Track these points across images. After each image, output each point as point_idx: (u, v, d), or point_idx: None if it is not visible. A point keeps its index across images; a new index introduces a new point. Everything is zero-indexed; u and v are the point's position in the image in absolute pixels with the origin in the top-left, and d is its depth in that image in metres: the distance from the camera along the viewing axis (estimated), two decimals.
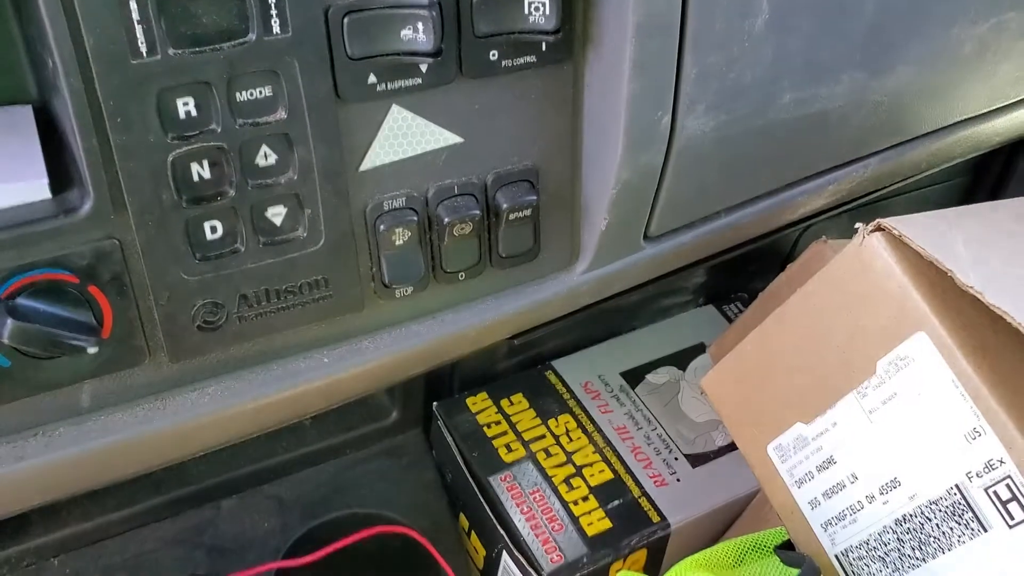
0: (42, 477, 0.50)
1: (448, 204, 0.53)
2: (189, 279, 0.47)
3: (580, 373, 0.85)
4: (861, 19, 0.57)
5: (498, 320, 0.59)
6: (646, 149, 0.54)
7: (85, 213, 0.43)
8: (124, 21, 0.40)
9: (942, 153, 0.74)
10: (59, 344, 0.45)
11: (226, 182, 0.46)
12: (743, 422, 0.60)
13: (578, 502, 0.74)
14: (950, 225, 0.52)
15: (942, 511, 0.50)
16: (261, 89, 0.44)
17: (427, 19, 0.46)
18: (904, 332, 0.50)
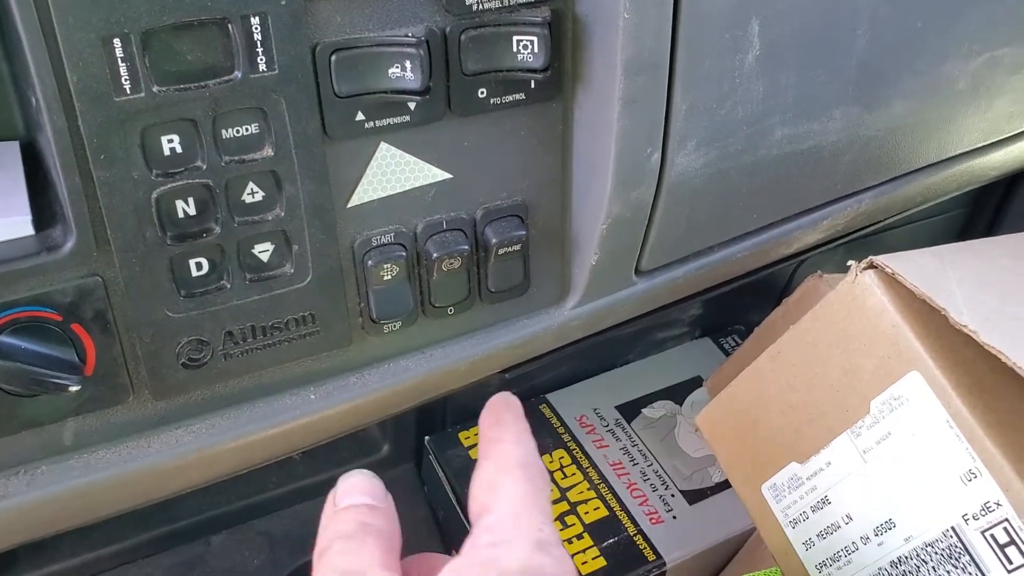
0: (25, 515, 0.49)
1: (437, 239, 0.52)
2: (174, 316, 0.47)
3: (575, 407, 0.84)
4: (853, 54, 0.57)
5: (488, 355, 0.59)
6: (636, 185, 0.53)
7: (68, 250, 0.43)
8: (108, 58, 0.40)
9: (937, 188, 0.74)
10: (41, 382, 0.44)
11: (212, 219, 0.45)
12: (738, 461, 0.60)
13: (572, 540, 0.73)
14: (944, 262, 0.51)
15: (938, 554, 0.49)
16: (247, 126, 0.44)
17: (415, 57, 0.45)
18: (898, 371, 0.49)
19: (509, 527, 0.36)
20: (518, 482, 0.38)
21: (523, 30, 0.48)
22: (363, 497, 0.40)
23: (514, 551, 0.35)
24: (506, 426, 0.42)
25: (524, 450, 0.40)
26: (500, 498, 0.38)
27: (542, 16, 0.48)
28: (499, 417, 0.42)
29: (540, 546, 0.35)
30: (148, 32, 0.40)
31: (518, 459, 0.39)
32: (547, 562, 0.35)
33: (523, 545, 0.35)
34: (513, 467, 0.39)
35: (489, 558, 0.35)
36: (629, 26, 0.48)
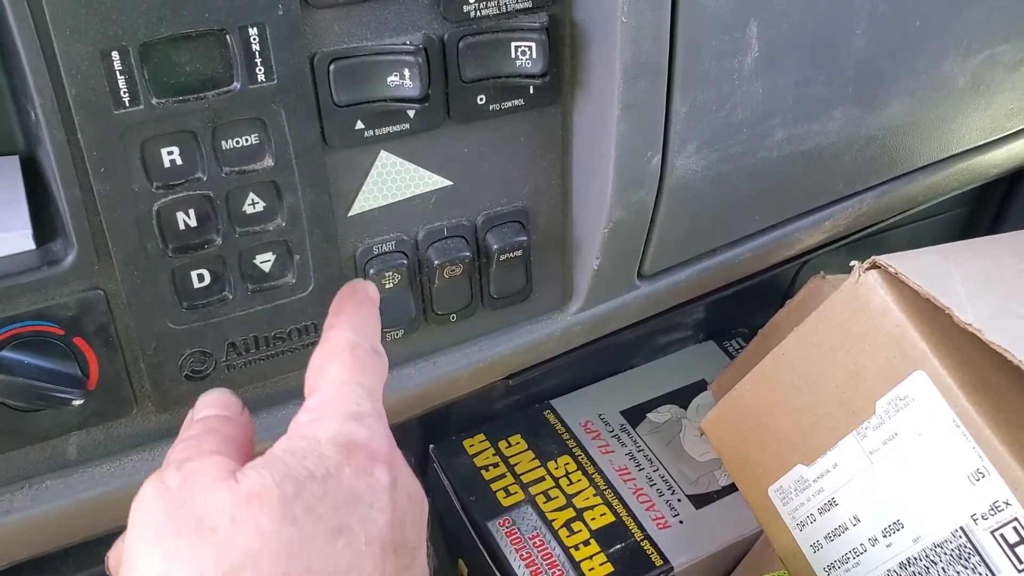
0: (30, 530, 0.49)
1: (438, 246, 0.52)
2: (176, 328, 0.47)
3: (579, 412, 0.84)
4: (852, 54, 0.57)
5: (492, 361, 0.59)
6: (637, 189, 0.53)
7: (69, 264, 0.43)
8: (106, 71, 0.40)
9: (939, 186, 0.74)
10: (44, 397, 0.44)
11: (213, 230, 0.45)
12: (743, 464, 0.59)
13: (579, 547, 0.73)
14: (947, 261, 0.51)
15: (947, 554, 0.49)
16: (247, 137, 0.44)
17: (413, 65, 0.45)
18: (903, 371, 0.49)
19: (327, 404, 0.38)
20: (343, 364, 0.40)
21: (521, 36, 0.48)
22: (216, 409, 0.41)
23: (327, 424, 0.37)
24: (344, 313, 0.43)
25: (356, 334, 0.41)
26: (324, 380, 0.39)
27: (540, 22, 0.48)
28: (340, 305, 0.44)
29: (354, 417, 0.37)
30: (146, 44, 0.40)
31: (347, 342, 0.41)
32: (359, 431, 0.37)
33: (336, 417, 0.37)
34: (341, 350, 0.40)
35: (304, 434, 0.37)
36: (627, 30, 0.48)
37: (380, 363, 0.41)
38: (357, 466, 0.36)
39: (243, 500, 0.34)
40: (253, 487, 0.34)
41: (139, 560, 0.34)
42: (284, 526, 0.33)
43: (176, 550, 0.33)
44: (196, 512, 0.34)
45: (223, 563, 0.32)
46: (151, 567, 0.33)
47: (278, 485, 0.34)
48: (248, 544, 0.33)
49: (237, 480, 0.35)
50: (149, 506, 0.35)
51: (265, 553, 0.33)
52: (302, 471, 0.35)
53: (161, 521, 0.34)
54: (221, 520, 0.33)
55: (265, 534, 0.33)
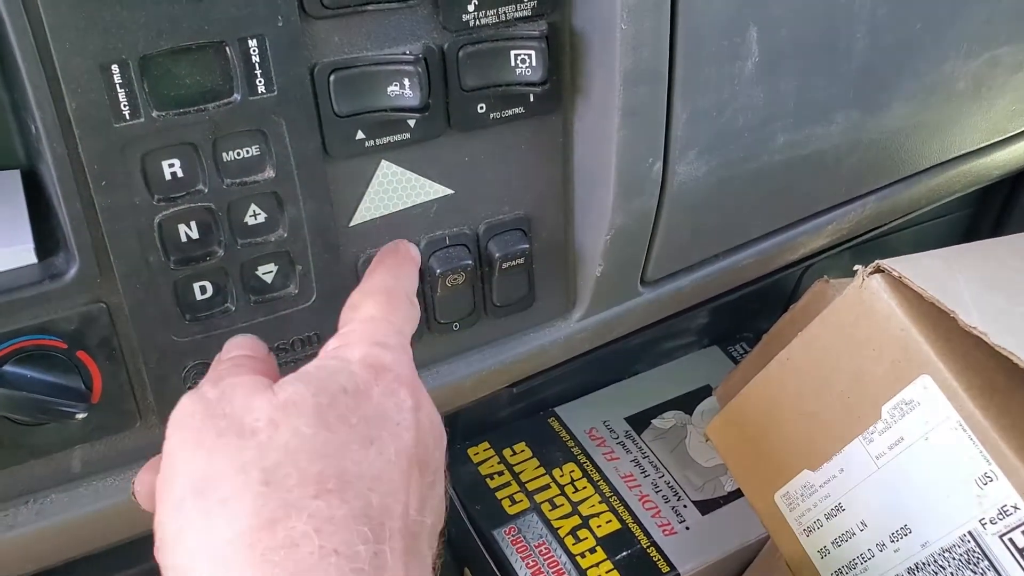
0: (35, 544, 0.49)
1: (440, 255, 0.52)
2: (179, 340, 0.47)
3: (584, 419, 0.84)
4: (852, 58, 0.57)
5: (495, 369, 0.59)
6: (638, 195, 0.53)
7: (71, 277, 0.43)
8: (106, 85, 0.40)
9: (942, 189, 0.74)
10: (48, 411, 0.44)
11: (215, 242, 0.45)
12: (749, 470, 0.59)
13: (585, 554, 0.73)
14: (951, 264, 0.51)
15: (956, 559, 0.48)
16: (248, 148, 0.44)
17: (413, 75, 0.45)
18: (908, 375, 0.49)
19: (357, 332, 0.40)
20: (378, 303, 0.41)
21: (521, 44, 0.48)
22: (243, 350, 0.43)
23: (356, 347, 0.39)
24: (384, 263, 0.45)
25: (394, 281, 0.43)
26: (358, 314, 0.41)
27: (539, 30, 0.48)
28: (383, 258, 0.46)
29: (382, 344, 0.39)
30: (146, 57, 0.40)
31: (385, 285, 0.43)
32: (386, 355, 0.39)
33: (365, 342, 0.39)
34: (378, 291, 0.42)
35: (335, 355, 0.39)
36: (626, 37, 0.48)
37: (413, 311, 0.43)
38: (384, 386, 0.38)
39: (280, 407, 0.36)
40: (290, 396, 0.36)
41: (181, 463, 0.35)
42: (320, 430, 0.35)
43: (219, 450, 0.35)
44: (236, 416, 0.36)
45: (264, 460, 0.34)
46: (195, 467, 0.35)
47: (313, 395, 0.36)
48: (287, 444, 0.34)
49: (274, 391, 0.37)
50: (189, 413, 0.37)
51: (303, 453, 0.34)
52: (334, 385, 0.37)
53: (201, 425, 0.36)
54: (260, 423, 0.35)
55: (303, 436, 0.35)
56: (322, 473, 0.34)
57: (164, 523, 0.35)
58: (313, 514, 0.33)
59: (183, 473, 0.35)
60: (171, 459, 0.36)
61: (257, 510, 0.33)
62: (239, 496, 0.33)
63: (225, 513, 0.33)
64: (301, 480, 0.34)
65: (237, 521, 0.33)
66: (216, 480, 0.34)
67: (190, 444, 0.35)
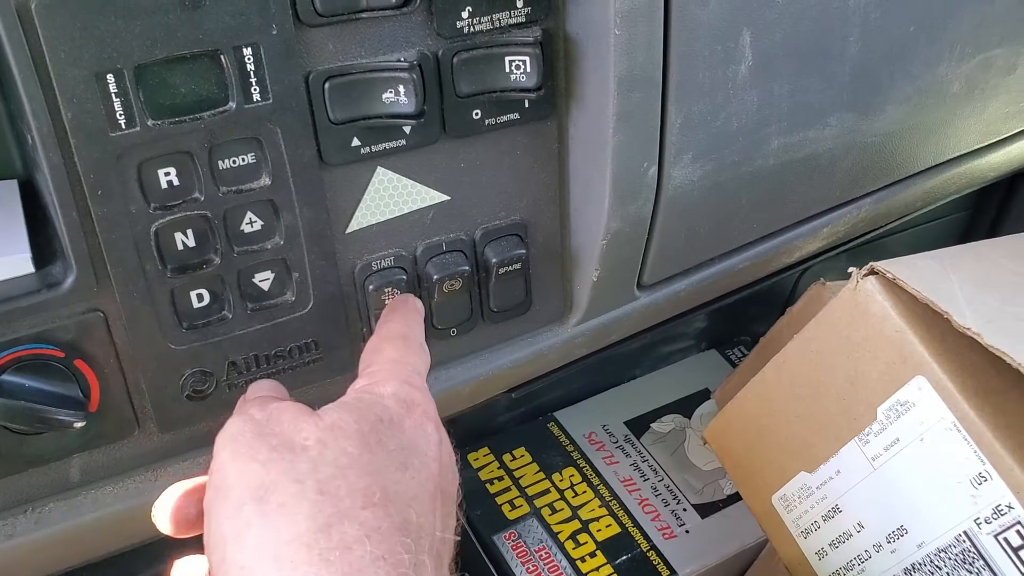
0: (34, 554, 0.49)
1: (437, 261, 0.52)
2: (176, 349, 0.47)
3: (583, 424, 0.84)
4: (846, 61, 0.57)
5: (493, 375, 0.59)
6: (634, 200, 0.53)
7: (68, 286, 0.43)
8: (102, 94, 0.40)
9: (937, 191, 0.74)
10: (46, 420, 0.44)
11: (211, 250, 0.46)
12: (747, 472, 0.59)
13: (585, 558, 0.73)
14: (945, 265, 0.51)
15: (952, 559, 0.49)
16: (244, 156, 0.44)
17: (408, 81, 0.46)
18: (903, 376, 0.49)
19: (385, 372, 0.43)
20: (397, 348, 0.45)
21: (515, 50, 0.48)
22: (267, 391, 0.46)
23: (387, 384, 0.43)
24: (396, 312, 0.49)
25: (408, 329, 0.47)
26: (381, 357, 0.45)
27: (533, 36, 0.48)
28: (394, 306, 0.49)
29: (410, 383, 0.43)
30: (141, 67, 0.40)
31: (401, 332, 0.47)
32: (415, 393, 0.43)
33: (395, 380, 0.43)
34: (396, 337, 0.46)
35: (368, 390, 0.42)
36: (620, 42, 0.48)
37: (426, 356, 0.47)
38: (414, 420, 0.41)
39: (327, 428, 0.39)
40: (335, 420, 0.40)
41: (236, 474, 0.38)
42: (364, 451, 0.39)
43: (274, 462, 0.38)
44: (286, 435, 0.39)
45: (318, 473, 0.37)
46: (251, 477, 0.37)
47: (356, 421, 0.40)
48: (337, 460, 0.38)
49: (320, 415, 0.40)
50: (240, 431, 0.39)
51: (352, 469, 0.38)
52: (372, 415, 0.40)
53: (254, 441, 0.39)
54: (310, 441, 0.38)
55: (350, 455, 0.38)
56: (368, 488, 0.37)
57: (221, 526, 0.37)
58: (363, 523, 0.36)
59: (239, 482, 0.37)
60: (224, 471, 0.38)
61: (314, 515, 0.36)
62: (297, 502, 0.36)
63: (284, 517, 0.36)
64: (351, 492, 0.37)
65: (296, 524, 0.36)
66: (274, 488, 0.37)
67: (243, 457, 0.38)
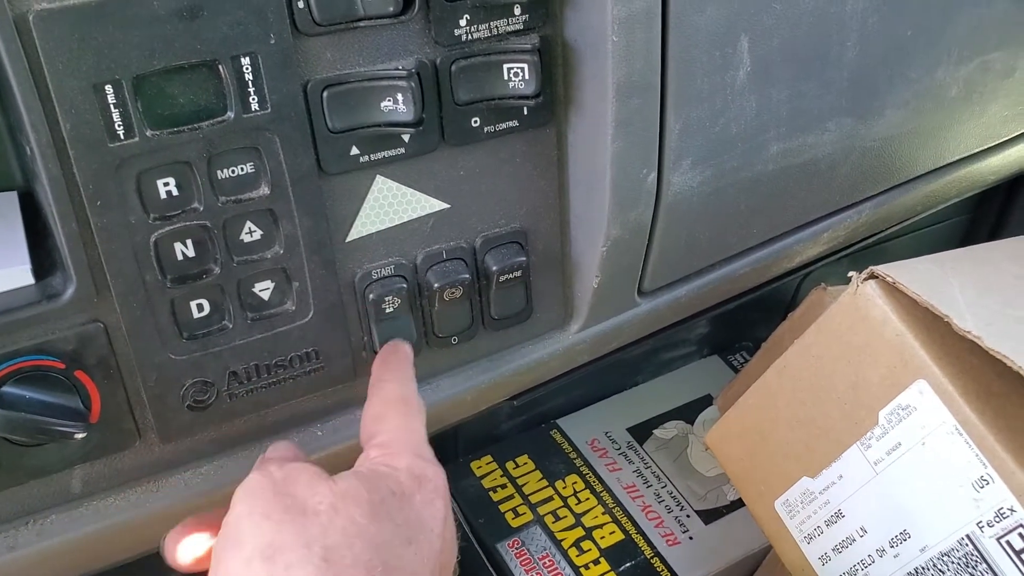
0: (36, 566, 0.49)
1: (437, 269, 0.52)
2: (177, 359, 0.47)
3: (586, 431, 0.84)
4: (844, 65, 0.58)
5: (494, 383, 0.59)
6: (633, 206, 0.53)
7: (68, 297, 0.43)
8: (100, 105, 0.40)
9: (937, 195, 0.74)
10: (47, 431, 0.44)
11: (211, 260, 0.46)
12: (749, 478, 0.59)
13: (589, 566, 0.72)
14: (945, 269, 0.51)
15: (955, 563, 0.48)
16: (243, 166, 0.44)
17: (406, 90, 0.46)
18: (904, 381, 0.49)
19: (397, 443, 0.45)
20: (400, 414, 0.46)
21: (513, 58, 0.48)
22: (288, 452, 0.47)
23: (401, 458, 0.44)
24: (390, 368, 0.49)
25: (404, 388, 0.48)
26: (386, 426, 0.46)
27: (531, 43, 0.49)
28: (386, 360, 0.50)
29: (422, 456, 0.44)
30: (139, 77, 0.40)
31: (399, 395, 0.47)
32: (428, 468, 0.44)
33: (408, 454, 0.44)
34: (396, 401, 0.47)
35: (381, 463, 0.44)
36: (618, 49, 0.48)
37: (423, 412, 0.48)
38: (425, 496, 0.43)
39: (340, 495, 0.40)
40: (349, 488, 0.41)
41: (249, 531, 0.39)
42: (372, 522, 0.40)
43: (287, 523, 0.39)
44: (300, 497, 0.40)
45: (326, 539, 0.38)
46: (263, 534, 0.39)
47: (368, 492, 0.41)
48: (345, 528, 0.39)
49: (334, 481, 0.41)
50: (258, 488, 0.41)
51: (359, 540, 0.39)
52: (384, 487, 0.42)
53: (269, 500, 0.40)
54: (323, 506, 0.40)
55: (358, 525, 0.39)
56: (371, 561, 0.39)
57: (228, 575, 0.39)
58: None
59: (252, 537, 0.39)
60: (239, 524, 0.40)
61: None
62: (303, 566, 0.38)
63: None
64: (354, 562, 0.38)
65: None
66: (283, 549, 0.38)
67: (259, 515, 0.40)
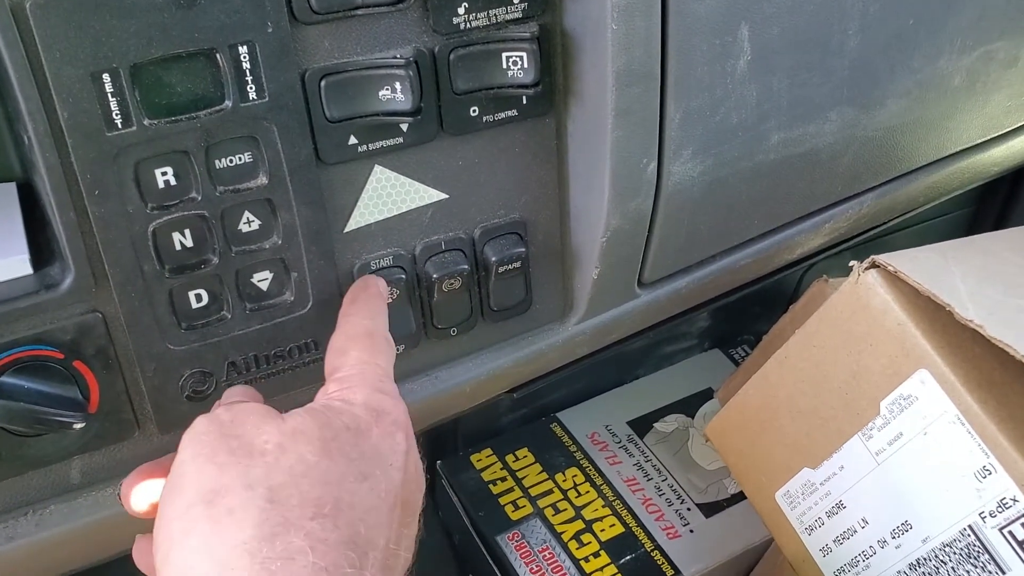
0: (35, 556, 0.49)
1: (436, 260, 0.52)
2: (175, 349, 0.47)
3: (586, 424, 0.84)
4: (845, 55, 0.57)
5: (494, 374, 0.58)
6: (633, 196, 0.53)
7: (67, 287, 0.43)
8: (97, 94, 0.40)
9: (939, 186, 0.73)
10: (45, 421, 0.44)
11: (209, 250, 0.45)
12: (750, 470, 0.59)
13: (589, 558, 0.72)
14: (947, 258, 0.51)
15: (957, 554, 0.48)
16: (240, 155, 0.44)
17: (405, 79, 0.45)
18: (905, 370, 0.48)
19: (356, 377, 0.43)
20: (364, 347, 0.45)
21: (512, 46, 0.48)
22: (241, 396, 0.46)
23: (358, 392, 0.42)
24: (359, 303, 0.47)
25: (371, 322, 0.46)
26: (348, 359, 0.44)
27: (530, 31, 0.48)
28: (355, 296, 0.48)
29: (380, 389, 0.43)
30: (137, 66, 0.40)
31: (365, 328, 0.46)
32: (386, 400, 0.43)
33: (366, 387, 0.43)
34: (360, 335, 0.45)
35: (339, 396, 0.42)
36: (618, 37, 0.48)
37: (391, 349, 0.46)
38: (383, 429, 0.41)
39: (288, 433, 0.39)
40: (298, 425, 0.40)
41: (192, 476, 0.38)
42: (323, 459, 0.39)
43: (230, 466, 0.38)
44: (247, 438, 0.39)
45: (270, 480, 0.37)
46: (206, 479, 0.38)
47: (319, 428, 0.40)
48: (292, 467, 0.38)
49: (283, 419, 0.40)
50: (203, 431, 0.40)
51: (306, 478, 0.38)
52: (338, 422, 0.40)
53: (215, 443, 0.39)
54: (269, 446, 0.39)
55: (307, 463, 0.38)
56: (320, 499, 0.37)
57: (170, 524, 0.37)
58: (309, 533, 0.36)
59: (194, 483, 0.38)
60: (182, 469, 0.39)
61: (260, 523, 0.36)
62: (245, 508, 0.36)
63: (231, 522, 0.36)
64: (301, 502, 0.37)
65: (241, 531, 0.36)
66: (225, 492, 0.37)
67: (203, 458, 0.38)
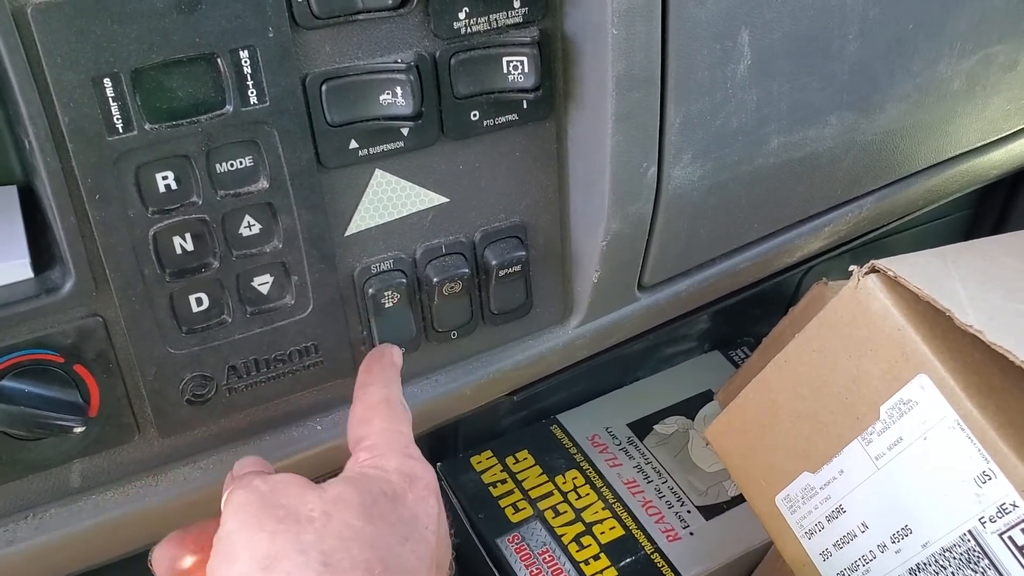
0: (35, 560, 0.49)
1: (437, 264, 0.52)
2: (176, 353, 0.47)
3: (586, 426, 0.84)
4: (845, 59, 0.57)
5: (494, 377, 0.59)
6: (634, 200, 0.53)
7: (67, 291, 0.43)
8: (98, 98, 0.40)
9: (939, 189, 0.74)
10: (46, 425, 0.44)
11: (210, 254, 0.45)
12: (750, 473, 0.59)
13: (589, 561, 0.72)
14: (947, 263, 0.51)
15: (957, 559, 0.48)
16: (241, 160, 0.44)
17: (405, 83, 0.46)
18: (905, 375, 0.48)
19: (384, 445, 0.45)
20: (384, 416, 0.47)
21: (513, 51, 0.48)
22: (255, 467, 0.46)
23: (390, 459, 0.44)
24: (374, 372, 0.49)
25: (388, 391, 0.48)
26: (372, 428, 0.46)
27: (531, 36, 0.48)
28: (370, 366, 0.50)
29: (411, 456, 0.45)
30: (138, 70, 0.40)
31: (383, 397, 0.48)
32: (418, 466, 0.44)
33: (396, 455, 0.45)
34: (380, 403, 0.47)
35: (371, 465, 0.44)
36: (618, 42, 0.48)
37: (409, 414, 0.48)
38: (417, 494, 0.43)
39: (331, 501, 0.40)
40: (339, 493, 0.41)
41: (243, 544, 0.39)
42: (367, 524, 0.40)
43: (280, 533, 0.39)
44: (291, 506, 0.40)
45: (322, 545, 0.39)
46: (258, 547, 0.38)
47: (359, 495, 0.41)
48: (341, 532, 0.39)
49: (323, 488, 0.41)
50: (246, 502, 0.40)
51: (355, 542, 0.39)
52: (376, 489, 0.42)
53: (260, 513, 0.40)
54: (315, 513, 0.40)
55: (353, 528, 0.40)
56: (369, 561, 0.39)
57: None
58: None
59: (246, 551, 0.39)
60: (231, 539, 0.40)
61: None
62: (301, 572, 0.37)
63: None
64: (353, 565, 0.38)
65: None
66: (281, 558, 0.38)
67: (251, 527, 0.39)
